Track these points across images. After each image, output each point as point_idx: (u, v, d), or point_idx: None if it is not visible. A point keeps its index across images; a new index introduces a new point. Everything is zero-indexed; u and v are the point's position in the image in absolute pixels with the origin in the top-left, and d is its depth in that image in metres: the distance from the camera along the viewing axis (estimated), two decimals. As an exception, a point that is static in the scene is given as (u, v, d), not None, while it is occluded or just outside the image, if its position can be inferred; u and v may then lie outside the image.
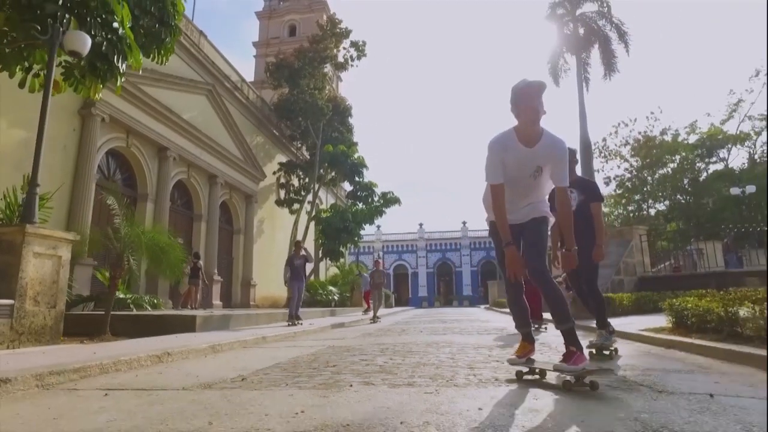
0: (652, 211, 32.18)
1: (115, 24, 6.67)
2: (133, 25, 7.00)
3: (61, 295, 5.49)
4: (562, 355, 2.78)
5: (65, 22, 6.25)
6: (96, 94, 7.22)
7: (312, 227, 23.62)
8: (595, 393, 2.55)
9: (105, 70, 6.91)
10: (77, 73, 7.06)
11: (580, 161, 15.08)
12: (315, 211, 23.64)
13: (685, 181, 29.51)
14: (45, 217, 7.02)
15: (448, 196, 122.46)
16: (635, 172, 30.42)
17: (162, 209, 14.94)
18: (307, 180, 23.86)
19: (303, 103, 21.61)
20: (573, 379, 2.65)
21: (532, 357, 3.12)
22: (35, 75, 7.07)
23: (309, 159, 24.29)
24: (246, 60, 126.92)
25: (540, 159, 2.94)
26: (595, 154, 28.12)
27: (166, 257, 6.89)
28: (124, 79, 7.32)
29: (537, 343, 3.51)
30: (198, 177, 17.67)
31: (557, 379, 2.92)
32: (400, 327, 9.79)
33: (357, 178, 24.06)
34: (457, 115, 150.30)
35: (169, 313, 8.91)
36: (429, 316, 17.25)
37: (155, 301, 10.31)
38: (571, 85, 22.18)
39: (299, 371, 3.68)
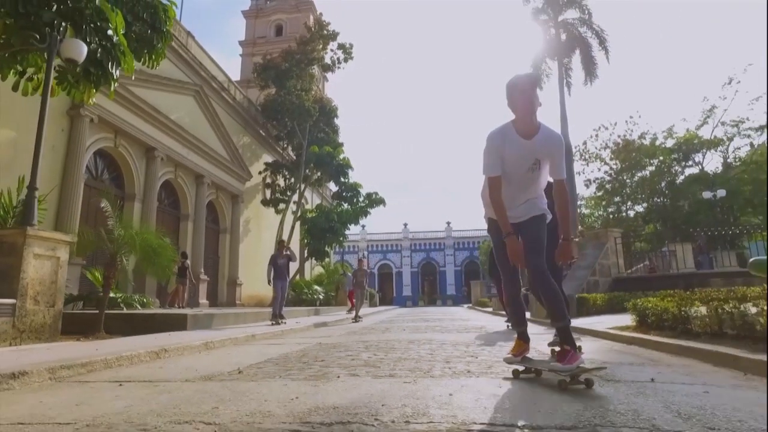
0: (632, 213, 32.91)
1: (109, 31, 6.84)
2: (126, 31, 7.15)
3: (60, 295, 5.73)
4: (557, 354, 2.86)
5: (62, 30, 6.44)
6: (90, 99, 7.43)
7: (298, 227, 23.85)
8: (549, 383, 2.89)
9: (99, 76, 7.09)
10: (71, 78, 7.24)
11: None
12: (301, 211, 23.86)
13: (662, 184, 30.30)
14: (39, 219, 7.18)
15: (432, 197, 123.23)
16: (615, 175, 31.13)
17: (149, 209, 15.09)
18: (293, 180, 24.07)
19: (290, 104, 21.85)
20: (568, 378, 2.69)
21: (527, 355, 3.21)
22: (29, 79, 7.21)
23: (295, 159, 24.51)
24: (232, 57, 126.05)
25: (538, 151, 2.98)
26: (576, 157, 28.80)
27: (158, 258, 7.14)
28: (117, 84, 7.52)
29: (508, 341, 3.85)
30: (185, 177, 17.83)
31: (525, 372, 3.16)
32: (384, 325, 10.14)
33: (342, 179, 24.34)
34: (442, 117, 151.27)
35: (160, 311, 9.13)
36: (412, 315, 17.66)
37: (144, 300, 10.51)
38: (554, 90, 22.77)
39: (290, 365, 4.01)
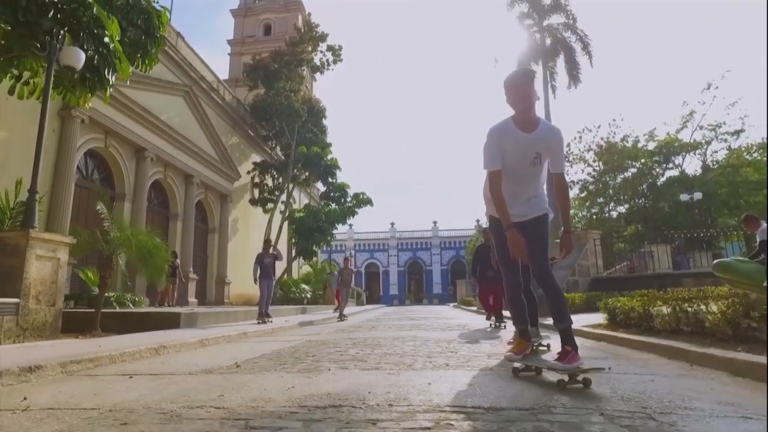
0: (614, 214, 33.68)
1: (105, 38, 7.04)
2: (121, 37, 7.36)
3: (60, 294, 5.96)
4: (558, 353, 2.93)
5: (60, 38, 6.64)
6: (86, 104, 7.63)
7: (286, 227, 24.06)
8: (516, 374, 3.20)
9: (95, 82, 7.28)
10: (66, 82, 7.44)
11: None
12: (289, 211, 24.06)
13: (644, 186, 31.06)
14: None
15: (420, 197, 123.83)
16: (598, 177, 31.83)
17: (139, 209, 15.25)
18: (281, 180, 24.26)
19: (279, 105, 22.07)
20: (567, 378, 2.75)
21: (528, 354, 3.28)
22: (25, 83, 7.39)
23: (283, 159, 24.71)
24: (220, 55, 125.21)
25: (539, 144, 3.02)
26: (560, 158, 29.29)
27: (153, 259, 7.38)
28: (112, 89, 7.72)
29: (497, 340, 4.16)
30: (174, 177, 17.98)
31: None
32: (371, 324, 10.47)
33: (330, 179, 24.57)
34: (429, 118, 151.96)
35: (154, 310, 9.36)
36: (398, 313, 18.03)
37: (136, 298, 10.71)
38: (539, 93, 23.20)
39: (283, 360, 4.32)
